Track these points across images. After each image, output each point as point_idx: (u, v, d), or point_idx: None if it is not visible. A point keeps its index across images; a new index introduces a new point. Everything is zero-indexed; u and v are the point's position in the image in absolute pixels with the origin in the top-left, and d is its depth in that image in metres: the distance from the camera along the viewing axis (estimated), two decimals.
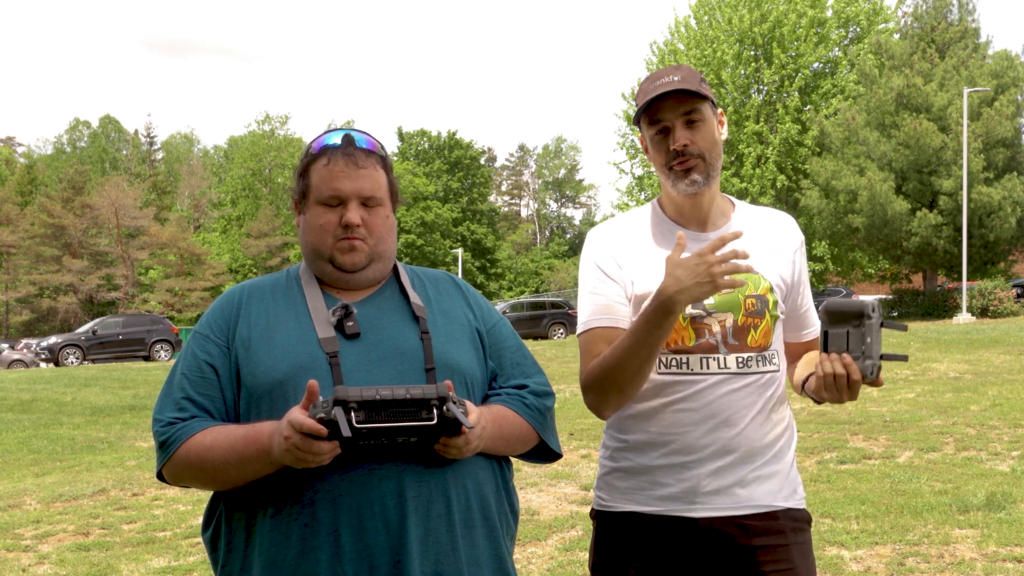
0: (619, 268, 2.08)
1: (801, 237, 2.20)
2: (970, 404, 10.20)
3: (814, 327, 2.20)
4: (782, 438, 2.08)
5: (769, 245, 2.11)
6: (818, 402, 1.98)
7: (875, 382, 1.87)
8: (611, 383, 1.98)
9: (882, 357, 1.85)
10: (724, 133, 2.10)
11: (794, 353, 2.21)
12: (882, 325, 1.84)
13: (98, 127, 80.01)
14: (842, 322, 1.86)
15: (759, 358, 2.03)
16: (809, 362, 2.13)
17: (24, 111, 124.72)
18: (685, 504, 2.01)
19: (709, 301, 2.01)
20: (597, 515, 2.15)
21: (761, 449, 2.04)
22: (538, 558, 5.13)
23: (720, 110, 2.11)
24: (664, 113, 2.02)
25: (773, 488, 2.04)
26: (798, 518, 2.07)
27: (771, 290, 2.06)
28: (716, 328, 2.02)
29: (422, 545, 1.72)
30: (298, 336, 1.80)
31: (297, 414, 1.60)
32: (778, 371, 2.06)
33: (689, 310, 2.01)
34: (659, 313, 1.88)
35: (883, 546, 5.03)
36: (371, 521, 1.70)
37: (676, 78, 2.01)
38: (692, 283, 1.84)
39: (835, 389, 1.87)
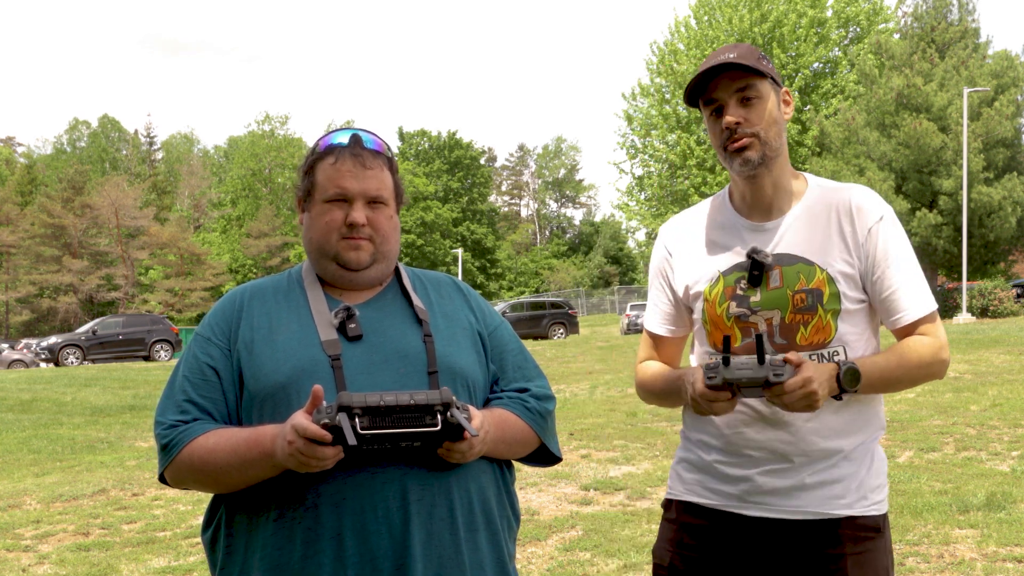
0: (672, 271, 2.12)
1: (881, 212, 1.96)
2: (970, 404, 10.19)
3: (904, 312, 1.95)
4: (854, 440, 1.96)
5: (833, 228, 1.96)
6: None
7: (795, 375, 1.74)
8: (649, 397, 2.20)
9: (760, 364, 1.77)
10: (789, 113, 2.01)
11: (899, 340, 1.99)
12: (727, 363, 1.79)
13: (98, 127, 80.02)
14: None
15: (815, 356, 1.92)
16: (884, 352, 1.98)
17: (24, 111, 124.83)
18: (739, 502, 1.99)
19: (755, 298, 1.96)
20: (665, 503, 2.17)
21: (824, 452, 1.93)
22: (538, 558, 5.13)
23: (785, 88, 2.01)
24: (718, 92, 1.94)
25: (836, 494, 1.94)
26: (863, 526, 1.94)
27: (829, 281, 1.93)
28: (762, 326, 1.95)
29: (425, 549, 1.71)
30: (300, 339, 1.80)
31: (301, 419, 1.60)
32: None
33: (733, 309, 1.98)
34: (677, 387, 2.01)
35: None
36: (374, 525, 1.70)
37: (731, 55, 1.93)
38: (687, 391, 1.92)
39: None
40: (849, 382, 1.83)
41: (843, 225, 1.95)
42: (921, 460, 7.34)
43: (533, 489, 6.73)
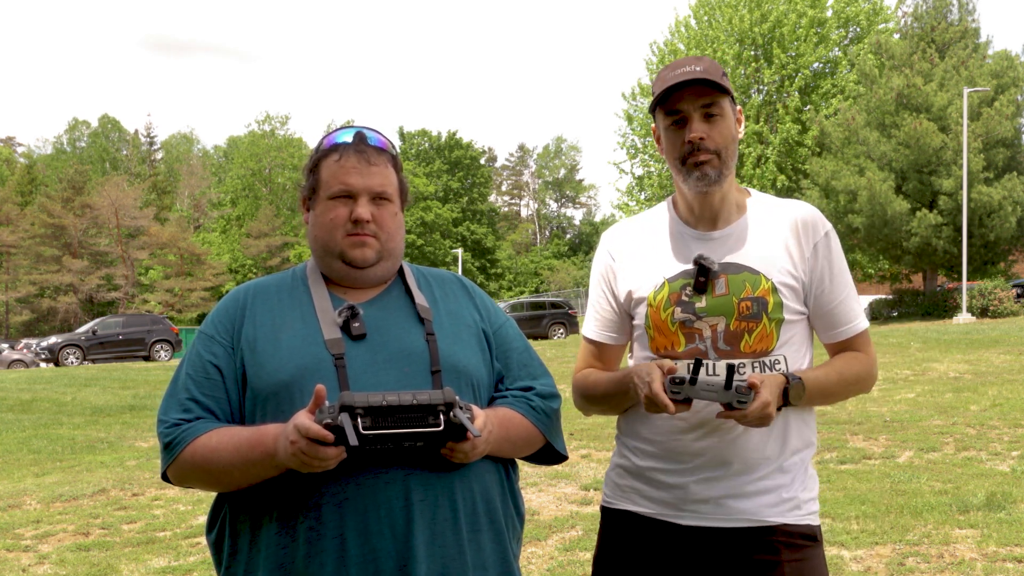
0: (616, 277, 2.09)
1: (825, 228, 2.02)
2: (970, 404, 10.19)
3: (847, 325, 2.02)
4: (787, 447, 1.98)
5: (779, 241, 2.00)
6: None
7: (757, 399, 1.77)
8: (590, 405, 2.16)
9: (725, 388, 1.77)
10: (741, 131, 2.04)
11: (833, 355, 2.07)
12: (693, 383, 1.78)
13: (98, 127, 79.98)
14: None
15: (756, 364, 1.94)
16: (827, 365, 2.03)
17: (24, 111, 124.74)
18: (674, 510, 1.99)
19: (700, 304, 1.96)
20: (602, 510, 2.16)
21: (760, 460, 1.95)
22: (538, 558, 5.13)
23: (739, 107, 2.04)
24: (682, 104, 1.94)
25: (769, 502, 1.95)
26: (797, 534, 1.95)
27: (773, 291, 1.96)
28: (707, 333, 1.96)
29: (428, 549, 1.71)
30: (304, 337, 1.80)
31: (303, 419, 1.60)
32: None
33: (678, 315, 1.97)
34: (623, 386, 1.98)
35: (883, 546, 5.02)
36: (377, 525, 1.69)
37: (698, 68, 1.93)
38: (639, 385, 1.87)
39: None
40: (796, 397, 1.89)
41: (788, 239, 2.00)
42: (921, 460, 7.34)
43: (533, 489, 6.73)
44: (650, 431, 2.01)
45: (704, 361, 1.92)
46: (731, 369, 1.76)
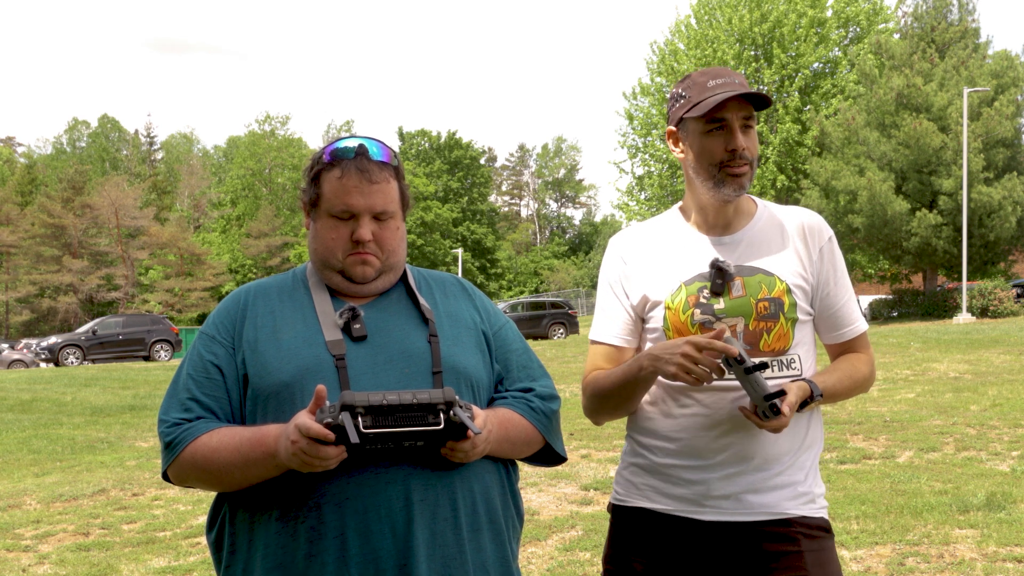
0: (629, 282, 2.11)
1: (828, 233, 2.11)
2: (970, 404, 10.19)
3: (851, 326, 2.11)
4: (803, 444, 2.05)
5: (789, 245, 2.07)
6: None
7: (778, 419, 1.85)
8: (601, 405, 2.13)
9: (764, 398, 1.83)
10: None
11: (834, 354, 2.16)
12: (748, 372, 1.82)
13: (97, 127, 79.97)
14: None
15: (774, 363, 2.00)
16: (830, 367, 2.10)
17: (24, 111, 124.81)
18: (695, 506, 2.01)
19: (719, 306, 2.00)
20: (613, 509, 2.17)
21: (777, 456, 2.00)
22: (538, 558, 5.13)
23: None
24: (727, 112, 1.99)
25: (787, 495, 2.01)
26: (813, 526, 2.02)
27: (788, 291, 2.02)
28: (726, 334, 1.98)
29: (429, 549, 1.72)
30: (305, 338, 1.80)
31: (304, 419, 1.60)
32: (800, 375, 2.02)
33: (698, 316, 2.01)
34: (634, 370, 1.98)
35: (883, 546, 5.03)
36: (377, 525, 1.70)
37: (737, 81, 2.01)
38: (663, 357, 1.89)
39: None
40: (811, 408, 2.01)
41: (796, 243, 2.08)
42: (921, 460, 7.34)
43: (533, 489, 6.73)
44: (670, 429, 2.03)
45: (768, 363, 2.00)
46: (781, 393, 1.84)
